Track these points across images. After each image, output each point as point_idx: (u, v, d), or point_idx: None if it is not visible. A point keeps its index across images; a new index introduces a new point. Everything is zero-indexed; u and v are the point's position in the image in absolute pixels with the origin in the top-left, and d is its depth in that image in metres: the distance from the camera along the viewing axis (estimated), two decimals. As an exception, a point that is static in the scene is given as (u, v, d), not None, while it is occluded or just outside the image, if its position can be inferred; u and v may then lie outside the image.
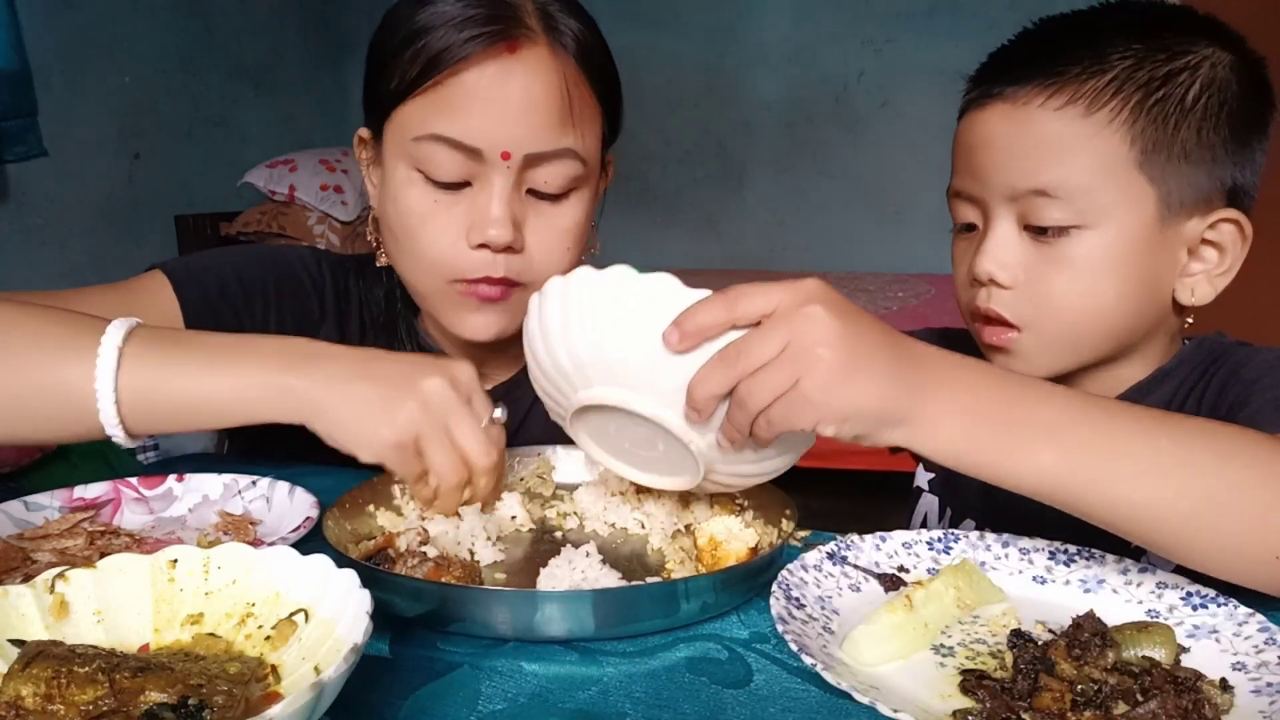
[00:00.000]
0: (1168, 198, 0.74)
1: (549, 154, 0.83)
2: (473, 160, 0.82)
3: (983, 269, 0.78)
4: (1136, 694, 0.47)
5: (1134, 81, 0.73)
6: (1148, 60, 0.74)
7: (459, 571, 0.63)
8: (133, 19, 2.90)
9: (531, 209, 0.86)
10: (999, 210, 0.78)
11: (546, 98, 0.82)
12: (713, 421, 0.59)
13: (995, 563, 0.63)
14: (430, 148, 0.81)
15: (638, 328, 0.58)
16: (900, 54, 3.82)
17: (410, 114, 0.82)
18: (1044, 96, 0.74)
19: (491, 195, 0.82)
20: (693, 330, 0.56)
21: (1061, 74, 0.74)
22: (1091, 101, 0.73)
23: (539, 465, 0.83)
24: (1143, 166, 0.74)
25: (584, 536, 0.74)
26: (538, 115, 0.82)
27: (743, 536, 0.66)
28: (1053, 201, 0.74)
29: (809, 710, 0.50)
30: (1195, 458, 0.57)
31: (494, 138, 0.81)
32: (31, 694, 0.42)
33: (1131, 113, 0.73)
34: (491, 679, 0.53)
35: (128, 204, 2.92)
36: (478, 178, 0.83)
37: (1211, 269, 0.77)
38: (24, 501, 0.73)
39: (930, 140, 3.79)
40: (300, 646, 0.49)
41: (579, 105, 0.85)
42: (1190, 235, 0.76)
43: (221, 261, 0.92)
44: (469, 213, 0.83)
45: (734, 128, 4.14)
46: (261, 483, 0.78)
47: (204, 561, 0.53)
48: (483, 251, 0.83)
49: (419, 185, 0.84)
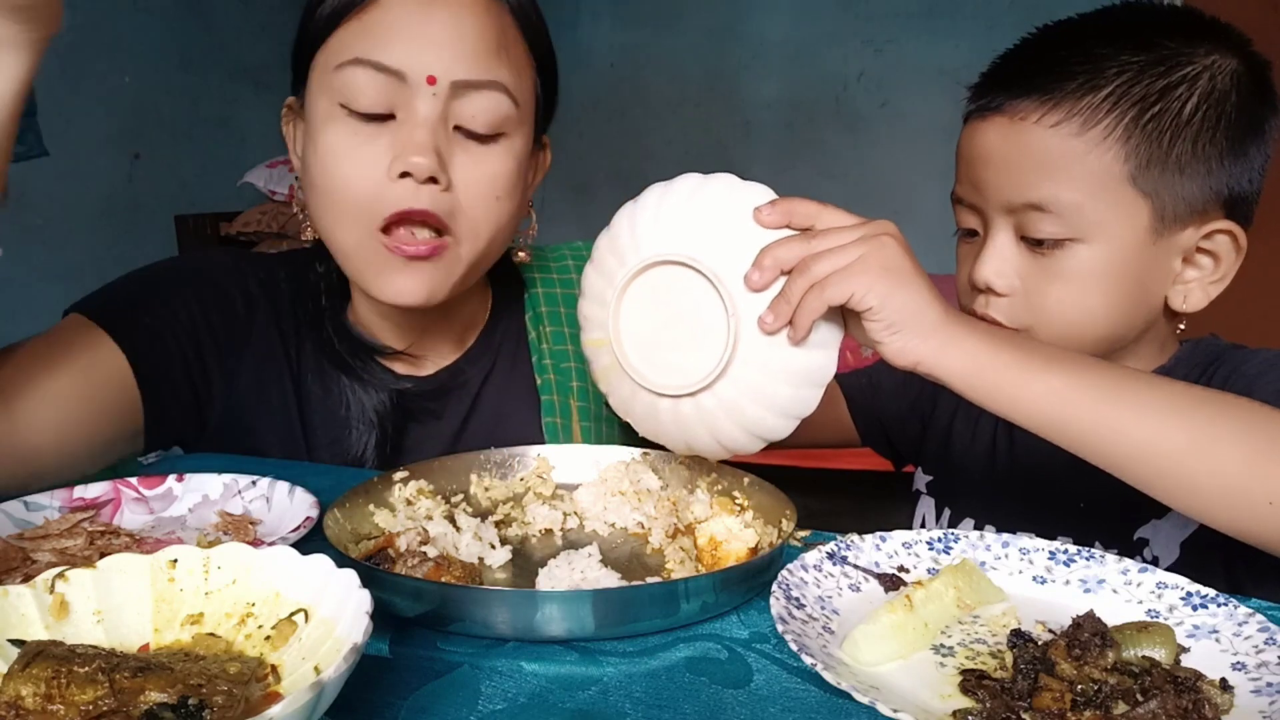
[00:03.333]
0: (1162, 210, 0.75)
1: (478, 83, 0.80)
2: (396, 87, 0.79)
3: (980, 277, 0.80)
4: (1136, 694, 0.47)
5: (1129, 98, 0.74)
6: (1145, 74, 0.74)
7: (459, 571, 0.63)
8: (133, 19, 2.90)
9: (459, 146, 0.82)
10: (997, 220, 0.80)
11: (476, 28, 0.80)
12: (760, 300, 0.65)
13: (995, 563, 0.63)
14: (352, 73, 0.78)
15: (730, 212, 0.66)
16: (900, 54, 3.82)
17: (333, 46, 0.80)
18: (1040, 113, 0.76)
19: (416, 124, 0.79)
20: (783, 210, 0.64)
21: (1058, 90, 0.75)
22: (1086, 119, 0.74)
23: (539, 465, 0.83)
24: (1136, 182, 0.75)
25: (584, 536, 0.74)
26: (466, 44, 0.80)
27: (743, 536, 0.66)
28: (1047, 216, 0.76)
29: (809, 710, 0.50)
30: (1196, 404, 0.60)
31: (419, 61, 0.78)
32: (31, 694, 0.42)
33: (1126, 129, 0.74)
34: (491, 679, 0.53)
35: (128, 204, 2.92)
36: (401, 108, 0.79)
37: (1206, 277, 0.78)
38: (24, 501, 0.73)
39: (930, 140, 3.82)
40: (300, 646, 0.49)
41: (511, 47, 0.83)
42: (1185, 245, 0.77)
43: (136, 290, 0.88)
44: (391, 145, 0.79)
45: (734, 128, 4.14)
46: (261, 483, 0.78)
47: (204, 561, 0.53)
48: (405, 182, 0.79)
49: (340, 119, 0.80)
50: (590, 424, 1.00)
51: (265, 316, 0.93)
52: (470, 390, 0.98)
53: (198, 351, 0.89)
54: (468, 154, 0.82)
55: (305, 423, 0.93)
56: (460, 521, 0.71)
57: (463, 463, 0.82)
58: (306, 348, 0.94)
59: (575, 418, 0.99)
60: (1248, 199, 0.78)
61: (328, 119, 0.81)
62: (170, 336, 0.87)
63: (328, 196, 0.82)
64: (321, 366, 0.94)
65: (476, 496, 0.80)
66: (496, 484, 0.81)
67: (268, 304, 0.94)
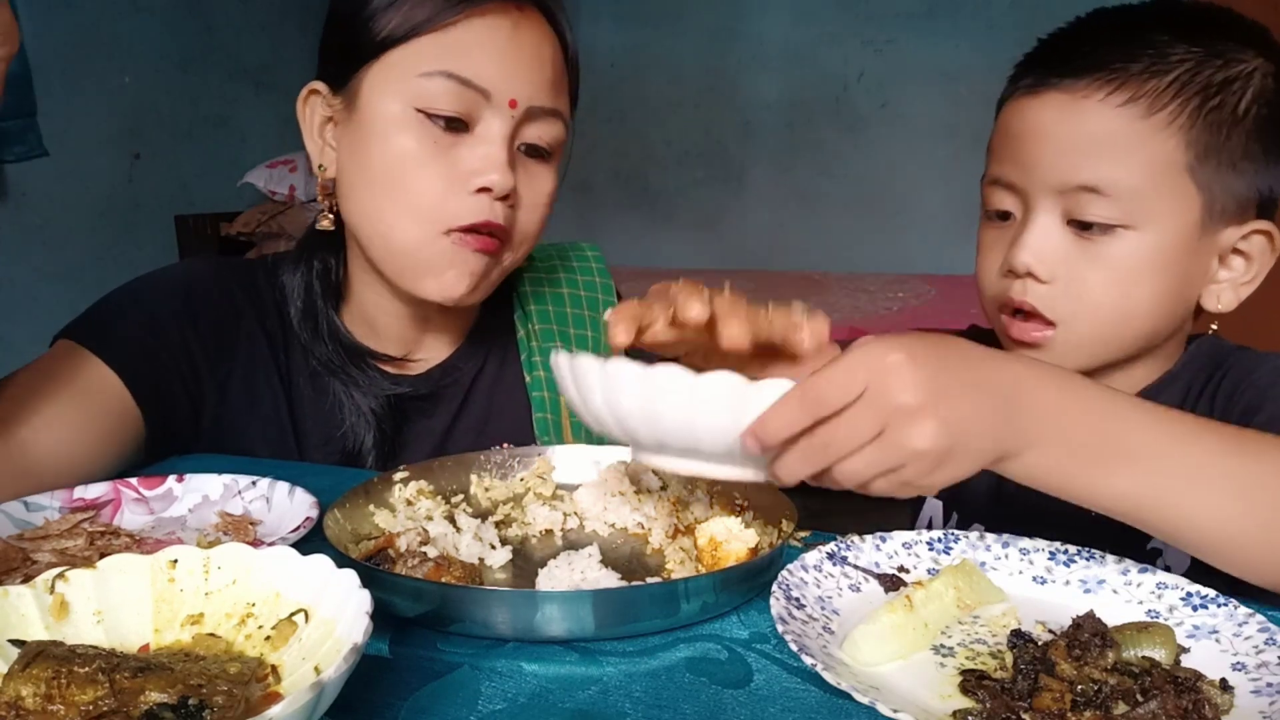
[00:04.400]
0: (1211, 205, 0.74)
1: (547, 110, 0.87)
2: (477, 104, 0.83)
3: (1021, 261, 0.76)
4: (1136, 694, 0.47)
5: (1193, 85, 0.72)
6: (1205, 65, 0.73)
7: (459, 571, 0.63)
8: (133, 19, 2.90)
9: (521, 165, 0.87)
10: (1042, 202, 0.76)
11: (551, 60, 0.86)
12: None
13: (995, 563, 0.63)
14: (439, 84, 0.82)
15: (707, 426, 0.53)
16: (900, 54, 3.82)
17: (417, 51, 0.82)
18: (1105, 91, 0.73)
19: (495, 142, 0.84)
20: (774, 438, 0.51)
21: (1123, 70, 0.73)
22: (1152, 102, 0.72)
23: (539, 465, 0.83)
24: (1194, 172, 0.73)
25: (584, 537, 0.74)
26: (543, 72, 0.86)
27: (743, 537, 0.66)
28: (1101, 199, 0.73)
29: (809, 710, 0.50)
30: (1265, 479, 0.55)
31: (505, 84, 0.83)
32: (31, 694, 0.42)
33: (1190, 117, 0.72)
34: (491, 679, 0.53)
35: (128, 204, 2.92)
36: (478, 123, 0.84)
37: (1237, 278, 0.77)
38: (24, 502, 0.73)
39: (930, 140, 3.83)
40: (300, 646, 0.49)
41: (563, 80, 0.89)
42: (1224, 243, 0.76)
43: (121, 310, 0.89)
44: (468, 158, 0.83)
45: (734, 128, 4.14)
46: (261, 483, 0.78)
47: (204, 561, 0.53)
48: (481, 197, 0.84)
49: (416, 126, 0.83)
50: None
51: (252, 323, 0.94)
52: (461, 388, 0.99)
53: (190, 363, 0.90)
54: (527, 172, 0.88)
55: (297, 427, 0.94)
56: (460, 522, 0.71)
57: (463, 463, 0.82)
58: (296, 352, 0.95)
59: (565, 414, 1.00)
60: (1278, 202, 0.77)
61: (403, 122, 0.83)
62: (163, 352, 0.88)
63: (400, 196, 0.84)
64: (313, 371, 0.94)
65: (477, 497, 0.80)
66: (497, 484, 0.81)
67: (253, 310, 0.95)
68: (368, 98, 0.85)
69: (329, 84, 0.89)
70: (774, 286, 3.27)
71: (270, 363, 0.94)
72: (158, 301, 0.90)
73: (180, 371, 0.89)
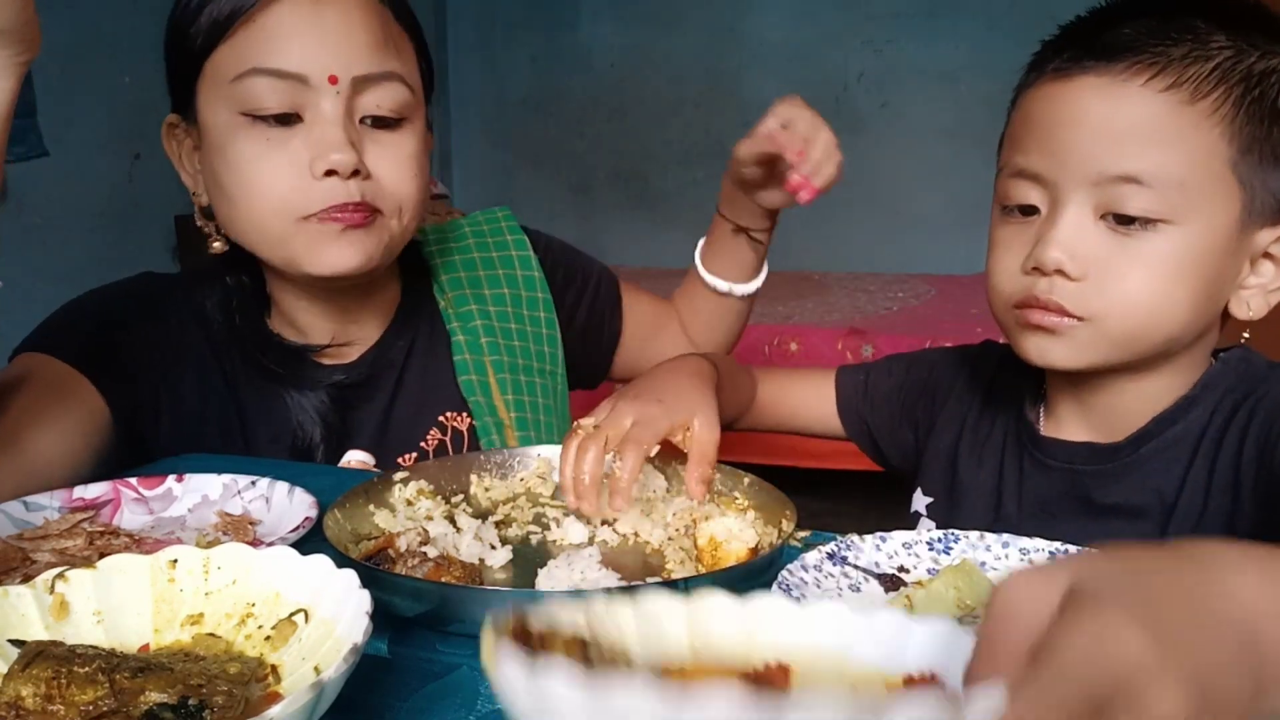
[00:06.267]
0: (1251, 203, 0.70)
1: (376, 75, 0.84)
2: (299, 90, 0.82)
3: (1050, 257, 0.71)
4: (1136, 694, 0.47)
5: (1236, 74, 0.68)
6: (1245, 55, 0.69)
7: (459, 571, 0.63)
8: (133, 19, 2.90)
9: (368, 138, 0.86)
10: (1074, 194, 0.71)
11: (365, 24, 0.84)
12: None
13: (995, 563, 0.63)
14: (251, 84, 0.81)
15: None
16: (900, 54, 3.82)
17: (223, 59, 0.82)
18: (1147, 75, 0.68)
19: (328, 123, 0.82)
20: None
21: (1165, 54, 0.68)
22: (1196, 88, 0.68)
23: (539, 465, 0.83)
24: (1236, 166, 0.69)
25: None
26: (358, 39, 0.83)
27: (743, 536, 0.66)
28: (1143, 190, 0.68)
29: (809, 710, 0.50)
30: None
31: (317, 63, 0.81)
32: (31, 694, 0.42)
33: (1233, 107, 0.68)
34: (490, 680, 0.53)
35: (128, 204, 2.92)
36: (307, 109, 0.83)
37: (1268, 284, 0.73)
38: (24, 502, 0.73)
39: (930, 140, 3.83)
40: (300, 646, 0.49)
41: (396, 37, 0.88)
42: (1258, 246, 0.72)
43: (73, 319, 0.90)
44: (306, 146, 0.82)
45: (734, 128, 4.11)
46: (261, 483, 0.78)
47: (204, 561, 0.53)
48: (330, 180, 0.83)
49: (245, 128, 0.83)
50: (507, 376, 1.03)
51: (197, 334, 0.95)
52: (395, 367, 1.00)
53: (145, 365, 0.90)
54: (378, 143, 0.86)
55: (246, 430, 0.95)
56: (460, 522, 0.71)
57: (463, 463, 0.82)
58: (236, 360, 0.96)
59: (490, 371, 1.02)
60: None
61: (232, 129, 0.83)
62: (120, 350, 0.89)
63: (248, 201, 0.84)
64: (253, 379, 0.95)
65: (476, 497, 0.80)
66: (496, 484, 0.81)
67: (196, 322, 0.96)
68: (203, 115, 0.86)
69: (180, 113, 0.90)
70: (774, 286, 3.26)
71: (218, 373, 0.95)
72: (105, 310, 0.92)
73: (136, 371, 0.90)
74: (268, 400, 0.95)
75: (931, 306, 3.11)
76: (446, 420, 1.00)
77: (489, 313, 1.05)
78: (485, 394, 1.01)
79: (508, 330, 1.05)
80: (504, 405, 1.02)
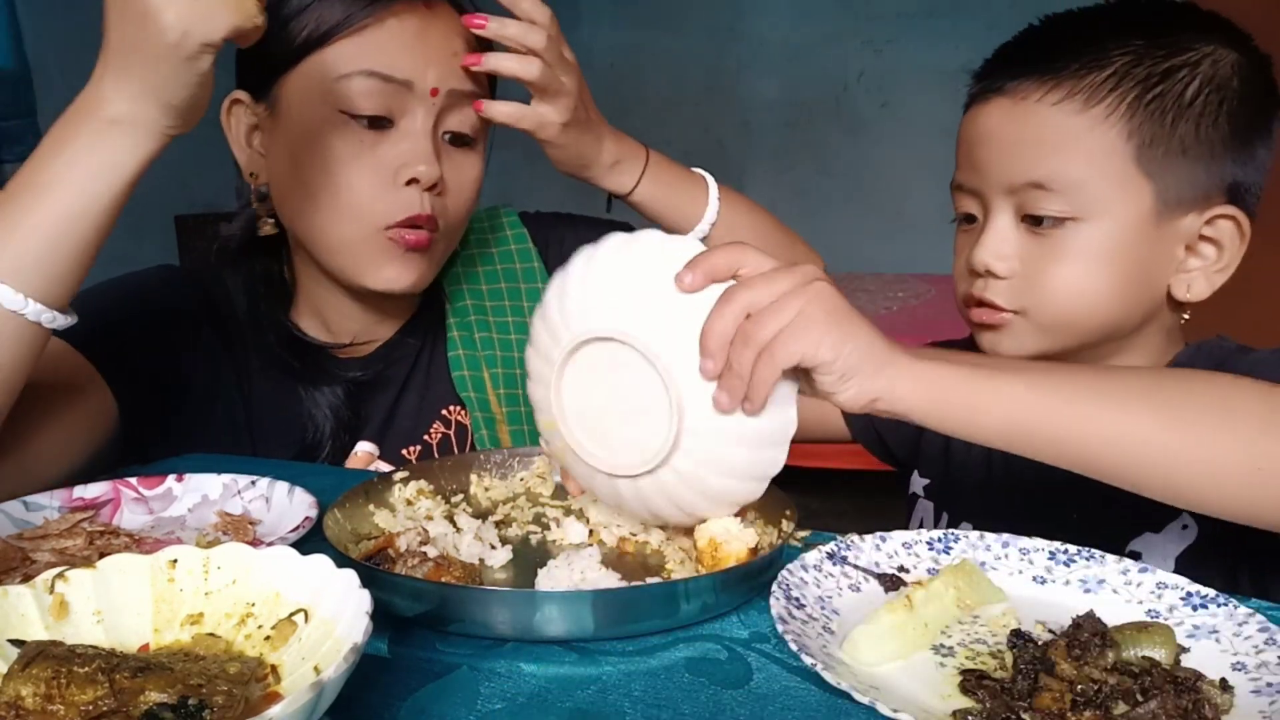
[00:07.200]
0: (1164, 193, 0.75)
1: (467, 93, 0.90)
2: (399, 96, 0.86)
3: (980, 260, 0.80)
4: (1136, 694, 0.47)
5: (1132, 77, 0.75)
6: (1147, 57, 0.75)
7: (459, 571, 0.63)
8: (133, 19, 2.90)
9: (445, 153, 0.90)
10: (997, 203, 0.80)
11: (464, 47, 0.89)
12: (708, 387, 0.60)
13: (995, 563, 0.63)
14: (360, 84, 0.85)
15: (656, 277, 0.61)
16: (900, 54, 3.82)
17: (335, 54, 0.85)
18: (1042, 91, 0.76)
19: (419, 133, 0.87)
20: (703, 270, 0.59)
21: (1061, 69, 0.76)
22: (1089, 96, 0.75)
23: (539, 465, 0.83)
24: (1139, 161, 0.75)
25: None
26: (459, 59, 0.89)
27: (743, 537, 0.66)
28: (1049, 194, 0.76)
29: (809, 710, 0.50)
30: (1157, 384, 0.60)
31: (424, 74, 0.86)
32: (31, 694, 0.42)
33: (1129, 107, 0.74)
34: (490, 680, 0.53)
35: (128, 204, 2.92)
36: (402, 117, 0.87)
37: (1209, 265, 0.78)
38: (23, 501, 0.73)
39: (930, 140, 3.81)
40: (300, 646, 0.49)
41: None
42: (1188, 231, 0.77)
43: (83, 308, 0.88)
44: (395, 153, 0.87)
45: (734, 128, 4.14)
46: (261, 483, 0.78)
47: (204, 561, 0.53)
48: (410, 190, 0.87)
49: (341, 126, 0.86)
50: (500, 371, 1.05)
51: (209, 328, 0.96)
52: (407, 362, 1.02)
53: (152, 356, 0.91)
54: (452, 160, 0.91)
55: (254, 425, 0.96)
56: (460, 522, 0.71)
57: (463, 463, 0.82)
58: (250, 353, 0.97)
59: (484, 367, 1.04)
60: (1251, 189, 0.78)
61: (326, 124, 0.86)
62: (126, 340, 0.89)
63: (333, 198, 0.87)
64: (269, 371, 0.96)
65: (476, 496, 0.80)
66: (496, 484, 0.81)
67: (208, 315, 0.96)
68: (291, 104, 0.88)
69: (250, 92, 0.91)
70: (774, 286, 3.27)
71: (229, 367, 0.96)
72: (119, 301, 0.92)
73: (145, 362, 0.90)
74: (280, 394, 0.96)
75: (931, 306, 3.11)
76: (450, 414, 1.02)
77: (485, 308, 1.06)
78: (479, 389, 1.02)
79: (504, 325, 1.06)
80: (496, 400, 1.03)
